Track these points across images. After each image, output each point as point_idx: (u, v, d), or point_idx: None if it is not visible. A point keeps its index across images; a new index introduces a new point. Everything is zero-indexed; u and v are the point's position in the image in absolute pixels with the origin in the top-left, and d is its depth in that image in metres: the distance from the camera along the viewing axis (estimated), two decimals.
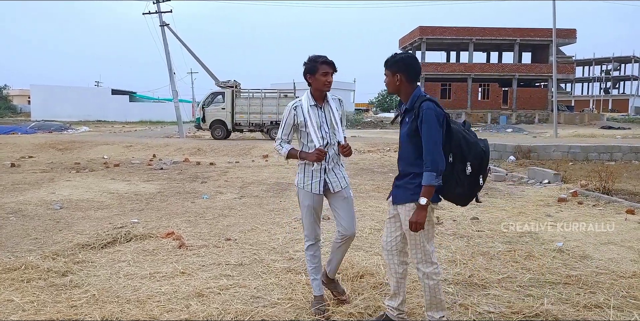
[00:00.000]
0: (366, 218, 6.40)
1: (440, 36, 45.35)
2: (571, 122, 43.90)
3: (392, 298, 3.23)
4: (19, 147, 18.13)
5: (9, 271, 4.23)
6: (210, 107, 22.93)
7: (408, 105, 2.97)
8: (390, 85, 3.05)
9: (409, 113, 2.95)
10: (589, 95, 74.49)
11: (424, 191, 2.82)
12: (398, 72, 2.97)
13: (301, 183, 3.41)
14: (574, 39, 45.93)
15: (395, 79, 2.99)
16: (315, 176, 3.36)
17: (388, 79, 3.04)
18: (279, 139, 3.42)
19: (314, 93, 3.36)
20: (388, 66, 3.02)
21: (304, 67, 3.30)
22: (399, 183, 3.05)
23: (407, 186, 2.96)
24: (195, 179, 10.53)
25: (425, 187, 2.81)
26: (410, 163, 2.96)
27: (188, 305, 3.53)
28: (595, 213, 6.75)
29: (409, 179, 2.96)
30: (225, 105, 22.67)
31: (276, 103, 22.69)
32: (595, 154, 14.20)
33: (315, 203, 3.40)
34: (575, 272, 4.26)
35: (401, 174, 3.05)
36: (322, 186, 3.37)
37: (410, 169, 2.96)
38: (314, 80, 3.29)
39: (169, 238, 5.33)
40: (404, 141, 2.99)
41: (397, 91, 3.03)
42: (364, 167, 12.91)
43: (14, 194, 8.45)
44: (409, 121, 2.95)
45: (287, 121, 3.38)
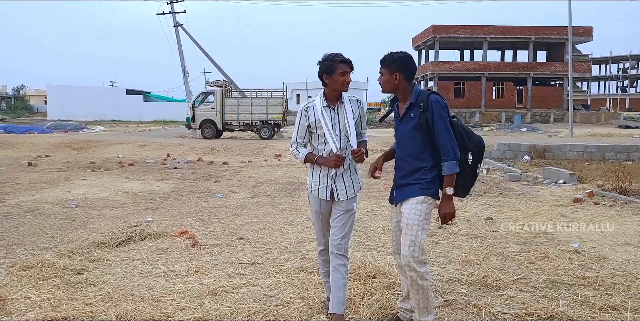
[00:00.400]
0: (379, 218, 6.39)
1: (453, 35, 45.02)
2: (587, 121, 43.32)
3: (405, 300, 3.21)
4: (35, 146, 18.41)
5: (26, 268, 4.30)
6: (200, 107, 23.07)
7: (413, 100, 2.96)
8: (387, 84, 3.02)
9: (414, 108, 2.95)
10: (606, 94, 73.44)
11: (449, 181, 2.87)
12: (397, 71, 2.96)
13: (310, 187, 3.32)
14: (590, 37, 45.28)
15: (394, 78, 2.97)
16: (322, 181, 3.23)
17: (385, 78, 3.01)
18: (295, 143, 3.29)
19: (328, 94, 3.21)
20: (385, 65, 2.99)
21: (320, 67, 3.14)
22: (405, 182, 3.01)
23: (417, 182, 2.94)
24: (208, 179, 10.59)
25: (450, 176, 2.86)
26: (418, 158, 2.95)
27: (201, 304, 3.56)
28: (612, 213, 6.66)
29: (420, 175, 2.94)
30: (215, 105, 22.83)
31: (265, 103, 22.93)
32: (612, 153, 13.98)
33: (322, 208, 3.29)
34: (592, 273, 4.21)
35: (408, 172, 3.00)
36: (329, 192, 3.23)
37: (418, 165, 2.95)
38: (331, 80, 3.12)
39: (182, 237, 5.37)
40: (410, 136, 2.97)
41: (395, 89, 3.02)
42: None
43: (31, 192, 8.58)
44: (415, 115, 2.94)
45: (300, 123, 3.26)
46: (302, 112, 3.24)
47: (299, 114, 3.26)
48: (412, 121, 2.96)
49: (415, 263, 2.89)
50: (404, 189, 3.00)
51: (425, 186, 2.92)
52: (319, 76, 3.16)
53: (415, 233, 2.90)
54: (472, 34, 45.08)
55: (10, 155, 16.46)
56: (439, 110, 2.88)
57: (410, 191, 2.96)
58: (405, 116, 3.00)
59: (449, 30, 45.06)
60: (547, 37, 45.21)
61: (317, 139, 3.23)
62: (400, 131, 3.06)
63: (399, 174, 3.07)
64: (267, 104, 22.88)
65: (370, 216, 6.50)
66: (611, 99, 69.25)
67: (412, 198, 2.93)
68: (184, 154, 16.75)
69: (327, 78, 3.12)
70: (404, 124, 3.02)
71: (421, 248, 2.92)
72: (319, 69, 3.14)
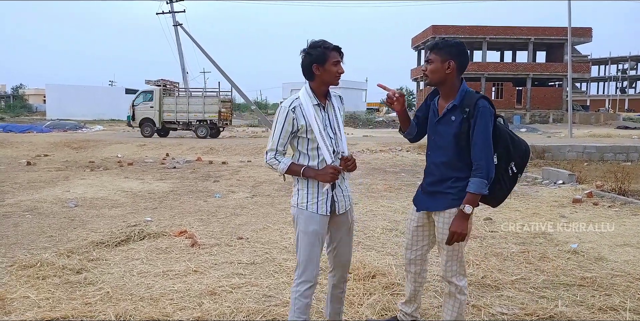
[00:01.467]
0: (378, 218, 6.39)
1: (453, 35, 44.99)
2: (586, 122, 43.34)
3: (407, 303, 3.10)
4: (34, 145, 18.38)
5: (25, 268, 4.29)
6: (139, 106, 23.39)
7: (457, 101, 2.61)
8: (437, 72, 2.62)
9: (456, 111, 2.61)
10: (605, 94, 73.50)
11: (471, 199, 2.56)
12: (451, 58, 2.59)
13: (304, 202, 2.65)
14: (590, 37, 45.33)
15: (445, 67, 2.60)
16: (322, 192, 2.66)
17: (435, 66, 2.61)
18: (273, 151, 2.62)
19: (317, 89, 2.65)
20: (438, 50, 2.61)
21: (309, 56, 2.58)
22: (435, 189, 2.73)
23: (448, 191, 2.67)
24: (207, 178, 10.59)
25: (473, 195, 2.55)
26: (453, 166, 2.66)
27: (201, 303, 3.55)
28: (611, 214, 6.66)
29: (451, 183, 2.67)
30: (154, 104, 23.13)
31: (202, 102, 23.16)
32: (611, 154, 14.01)
33: (321, 227, 2.67)
34: (590, 274, 4.21)
35: (438, 180, 2.71)
36: (329, 205, 2.67)
37: (452, 174, 2.67)
38: (323, 71, 2.58)
39: (181, 237, 5.37)
40: (449, 142, 2.64)
41: (444, 81, 2.64)
42: (376, 167, 12.87)
43: (30, 192, 8.57)
44: (456, 119, 2.60)
45: (284, 127, 2.59)
46: (287, 114, 2.58)
47: (281, 115, 2.59)
48: (451, 125, 2.63)
49: (453, 277, 2.73)
50: (435, 198, 2.74)
51: (459, 195, 2.63)
52: (307, 67, 2.60)
53: (451, 248, 2.69)
54: (471, 34, 45.13)
55: (9, 154, 16.44)
56: (486, 119, 2.55)
57: (443, 202, 2.69)
58: (445, 118, 2.66)
59: (449, 31, 45.09)
60: (546, 38, 45.25)
61: (304, 144, 2.65)
62: (437, 132, 2.72)
63: (429, 180, 2.78)
64: (203, 104, 23.19)
65: (369, 216, 6.50)
66: (610, 99, 69.30)
67: (446, 211, 2.68)
68: (183, 153, 16.74)
69: (318, 69, 2.58)
70: (441, 126, 2.69)
71: (460, 261, 2.75)
72: (307, 58, 2.58)
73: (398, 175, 11.06)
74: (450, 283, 2.76)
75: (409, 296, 3.07)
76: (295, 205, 2.70)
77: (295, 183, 2.70)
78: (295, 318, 2.63)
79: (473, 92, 2.65)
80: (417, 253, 2.94)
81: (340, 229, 2.78)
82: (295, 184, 2.71)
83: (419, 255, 2.94)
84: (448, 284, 2.79)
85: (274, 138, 2.62)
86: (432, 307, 3.48)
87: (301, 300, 2.63)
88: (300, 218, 2.66)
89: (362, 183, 9.66)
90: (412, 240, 2.93)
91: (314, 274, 2.66)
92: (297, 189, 2.69)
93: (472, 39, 45.46)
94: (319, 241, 2.66)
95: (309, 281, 2.64)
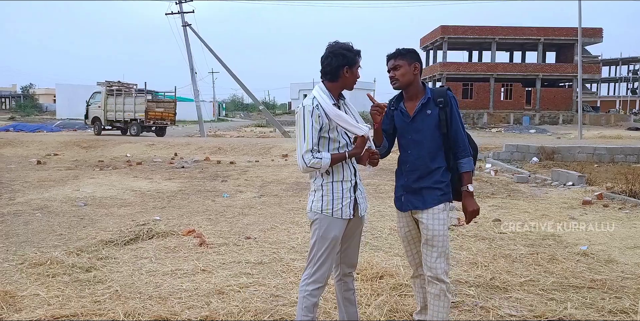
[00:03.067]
0: (386, 219, 6.38)
1: (462, 35, 44.87)
2: (596, 123, 42.99)
3: (422, 311, 3.02)
4: (44, 145, 18.54)
5: (35, 266, 4.34)
6: (92, 106, 24.92)
7: (429, 95, 2.80)
8: (406, 75, 2.80)
9: (430, 104, 2.79)
10: (616, 95, 72.83)
11: (469, 178, 2.82)
12: (415, 61, 2.81)
13: (329, 208, 2.61)
14: (600, 38, 44.97)
15: (412, 69, 2.80)
16: (346, 196, 2.63)
17: (404, 69, 2.79)
18: (309, 152, 2.55)
19: (333, 91, 2.66)
20: (402, 55, 2.80)
21: (342, 58, 2.59)
22: (421, 185, 2.79)
23: (437, 186, 2.78)
24: (215, 178, 10.63)
25: (469, 173, 2.82)
26: (434, 158, 2.79)
27: (209, 302, 3.57)
28: (621, 216, 6.60)
29: (439, 177, 2.78)
30: (101, 103, 24.44)
31: (133, 102, 24.02)
32: (622, 156, 13.86)
33: (340, 233, 2.66)
34: (600, 276, 4.17)
35: (423, 174, 2.79)
36: (352, 208, 2.66)
37: (435, 165, 2.78)
38: (350, 75, 2.63)
39: (190, 236, 5.39)
40: (429, 134, 2.78)
41: (411, 82, 2.82)
42: (384, 167, 12.83)
43: (40, 191, 8.65)
44: (432, 112, 2.78)
45: (313, 125, 2.56)
46: (313, 111, 2.56)
47: (307, 113, 2.57)
48: (429, 118, 2.79)
49: (442, 274, 2.76)
50: (422, 194, 2.79)
51: (444, 190, 2.78)
52: (336, 68, 2.60)
53: (442, 244, 2.76)
54: (480, 34, 44.90)
55: (19, 153, 16.61)
56: (457, 106, 2.83)
57: (431, 198, 2.77)
58: (420, 114, 2.81)
59: (458, 31, 44.91)
60: (556, 38, 44.95)
61: (325, 144, 2.64)
62: (413, 130, 2.83)
63: (413, 177, 2.82)
64: (134, 103, 23.92)
65: (377, 217, 6.49)
66: (621, 100, 68.67)
67: (434, 207, 2.76)
68: (191, 153, 16.81)
69: (347, 71, 2.61)
70: (418, 123, 2.81)
71: (447, 257, 2.81)
72: (340, 60, 2.59)
73: None
74: (440, 280, 2.76)
75: (423, 302, 3.01)
76: (319, 211, 2.63)
77: (319, 189, 2.65)
78: (302, 316, 2.62)
79: (437, 87, 2.92)
80: (419, 255, 2.93)
81: (354, 230, 2.77)
82: (317, 189, 2.66)
83: (420, 256, 2.91)
84: (437, 282, 2.76)
85: (307, 138, 2.56)
86: None
87: (309, 299, 2.62)
88: (323, 224, 2.62)
89: (369, 183, 9.65)
90: (410, 246, 2.96)
91: (325, 276, 2.66)
92: (322, 195, 2.64)
93: (481, 39, 45.25)
94: (337, 246, 2.68)
95: (319, 282, 2.64)
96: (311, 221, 2.70)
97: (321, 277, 2.64)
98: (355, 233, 2.80)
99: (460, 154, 2.81)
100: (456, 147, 2.81)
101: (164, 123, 24.74)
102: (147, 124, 23.85)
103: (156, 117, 24.10)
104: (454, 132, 2.80)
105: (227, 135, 27.48)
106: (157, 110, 24.18)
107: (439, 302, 2.78)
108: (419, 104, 2.82)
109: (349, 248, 2.80)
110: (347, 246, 2.79)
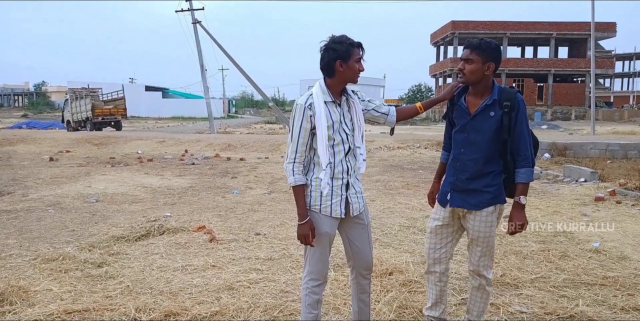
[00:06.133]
0: (395, 215, 6.36)
1: (473, 31, 44.51)
2: (610, 118, 42.47)
3: (433, 307, 3.00)
4: (57, 142, 18.72)
5: (48, 261, 4.39)
6: (65, 110, 29.11)
7: (496, 96, 2.66)
8: (475, 73, 2.65)
9: (495, 106, 2.66)
10: (629, 91, 71.82)
11: (523, 190, 2.68)
12: (491, 60, 2.65)
13: (317, 204, 2.58)
14: (614, 32, 44.35)
15: (485, 68, 2.64)
16: (336, 194, 2.59)
17: (475, 66, 2.64)
18: (291, 163, 2.55)
19: (333, 86, 2.58)
20: (480, 51, 2.63)
21: (333, 52, 2.50)
22: (472, 186, 2.73)
23: (487, 190, 2.71)
24: (225, 175, 10.67)
25: (525, 184, 2.68)
26: (489, 160, 2.69)
27: (219, 298, 3.59)
28: (634, 212, 6.52)
29: (490, 180, 2.70)
30: (69, 107, 28.14)
31: (84, 103, 27.22)
32: (635, 152, 13.67)
33: (333, 229, 2.63)
34: (613, 273, 4.13)
35: (475, 176, 2.72)
36: (343, 207, 2.62)
37: (489, 168, 2.70)
38: (346, 69, 2.52)
39: (200, 232, 5.42)
40: (487, 137, 2.67)
41: (480, 80, 2.68)
42: (394, 164, 12.81)
43: (53, 187, 8.74)
44: (495, 114, 2.65)
45: (302, 126, 2.51)
46: (304, 111, 2.51)
47: (298, 113, 2.52)
48: (490, 121, 2.66)
49: (485, 271, 2.84)
50: (471, 195, 2.74)
51: (495, 193, 2.71)
52: (328, 63, 2.52)
53: (487, 244, 2.78)
54: (491, 29, 44.51)
55: (32, 150, 16.79)
56: (525, 112, 2.68)
57: (480, 200, 2.72)
58: (482, 114, 2.69)
59: (468, 26, 44.57)
60: (568, 33, 44.42)
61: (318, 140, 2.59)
62: (472, 129, 2.71)
63: (464, 177, 2.75)
64: (85, 104, 27.26)
65: (386, 214, 6.47)
66: (635, 96, 67.72)
67: (483, 210, 2.72)
68: (201, 150, 16.88)
69: (341, 65, 2.51)
70: (477, 122, 2.70)
71: (492, 255, 2.85)
72: (331, 54, 2.51)
73: (416, 172, 10.99)
74: (481, 276, 2.85)
75: (435, 299, 2.99)
76: (308, 207, 2.60)
77: (309, 184, 2.61)
78: (306, 313, 2.64)
79: (507, 87, 2.72)
80: (442, 252, 2.90)
81: (356, 227, 2.72)
82: (307, 184, 2.61)
83: (444, 254, 2.90)
84: (478, 277, 2.87)
85: (293, 146, 2.54)
86: (449, 305, 3.45)
87: (311, 296, 2.63)
88: (313, 220, 2.59)
89: (379, 180, 9.63)
90: (436, 239, 2.90)
91: (323, 273, 2.66)
92: (310, 191, 2.60)
93: (492, 34, 44.83)
94: (329, 242, 2.65)
95: (318, 280, 2.64)
96: None
97: (319, 274, 2.64)
98: (359, 233, 2.73)
99: (520, 163, 2.68)
100: (517, 156, 2.68)
101: (115, 118, 28.02)
102: (96, 120, 27.01)
103: (104, 113, 27.35)
104: (517, 140, 2.65)
105: (237, 132, 27.57)
106: (105, 108, 27.63)
107: (478, 293, 2.91)
108: (483, 104, 2.69)
109: (360, 249, 2.73)
110: (358, 247, 2.73)
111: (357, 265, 2.76)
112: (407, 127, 32.95)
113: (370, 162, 12.92)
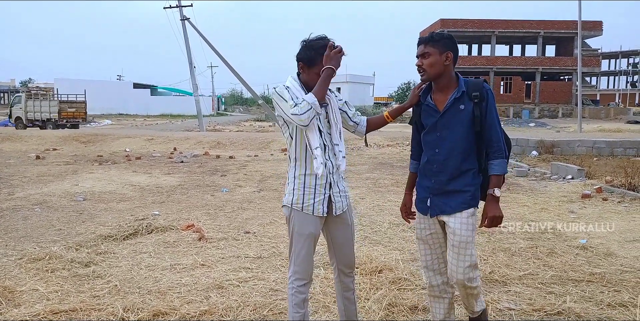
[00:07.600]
0: (385, 213, 6.37)
1: (461, 29, 44.70)
2: (596, 116, 42.94)
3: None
4: (43, 140, 18.51)
5: (34, 261, 4.33)
6: (14, 107, 29.04)
7: (464, 88, 2.53)
8: (436, 66, 2.51)
9: (464, 98, 2.53)
10: (615, 89, 72.78)
11: (497, 182, 2.55)
12: (448, 50, 2.51)
13: (299, 203, 2.57)
14: (600, 31, 44.82)
15: (444, 58, 2.50)
16: (318, 192, 2.56)
17: (433, 59, 2.50)
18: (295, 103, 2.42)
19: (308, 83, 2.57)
20: (434, 42, 2.50)
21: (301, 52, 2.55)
22: (452, 187, 2.58)
23: (467, 189, 2.57)
24: (215, 173, 10.62)
25: (499, 176, 2.55)
26: (466, 158, 2.56)
27: (208, 297, 3.57)
28: (620, 209, 6.60)
29: (471, 180, 2.57)
30: (22, 105, 28.26)
31: (48, 104, 27.82)
32: (621, 149, 13.85)
33: (317, 229, 2.61)
34: (599, 270, 4.18)
35: (455, 176, 2.57)
36: (326, 205, 2.59)
37: (467, 166, 2.57)
38: (306, 73, 2.58)
39: (189, 231, 5.39)
40: (461, 132, 2.54)
41: (442, 73, 2.54)
42: (383, 161, 12.84)
43: (39, 185, 8.64)
44: (465, 107, 2.52)
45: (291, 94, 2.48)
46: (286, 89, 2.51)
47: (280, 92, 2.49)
48: (462, 114, 2.53)
49: (470, 281, 2.57)
50: (450, 198, 2.58)
51: (475, 194, 2.58)
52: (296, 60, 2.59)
53: (471, 251, 2.56)
54: (480, 28, 44.75)
55: (18, 148, 16.57)
56: (494, 102, 2.54)
57: (461, 202, 2.56)
58: (452, 108, 2.54)
59: (457, 25, 44.75)
60: (556, 32, 44.81)
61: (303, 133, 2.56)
62: (443, 126, 2.57)
63: (442, 179, 2.59)
64: (49, 106, 27.73)
65: (376, 211, 6.49)
66: (621, 94, 68.64)
67: (464, 212, 2.56)
68: (190, 148, 16.78)
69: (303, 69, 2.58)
70: (448, 118, 2.56)
71: (476, 264, 2.60)
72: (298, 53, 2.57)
73: (405, 170, 10.98)
74: (467, 287, 2.60)
75: (443, 316, 2.75)
76: (289, 205, 2.60)
77: (291, 182, 2.60)
78: (293, 313, 2.62)
79: (472, 79, 2.62)
80: (441, 260, 2.71)
81: (340, 229, 2.69)
82: (290, 182, 2.61)
83: (442, 261, 2.70)
84: (464, 288, 2.61)
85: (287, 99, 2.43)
86: None
87: (298, 296, 2.61)
88: (295, 219, 2.59)
89: (369, 177, 9.64)
90: (428, 249, 2.72)
91: (308, 273, 2.64)
92: (293, 189, 2.59)
93: (480, 32, 45.11)
94: (313, 242, 2.62)
95: (303, 279, 2.62)
96: (285, 217, 2.67)
97: (304, 273, 2.62)
98: (342, 232, 2.70)
99: (493, 154, 2.55)
100: (490, 147, 2.55)
101: (76, 121, 28.99)
102: (61, 122, 27.79)
103: (68, 116, 28.57)
104: (488, 131, 2.53)
105: (226, 129, 27.47)
106: (69, 110, 28.64)
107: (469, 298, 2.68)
108: (451, 98, 2.54)
109: (343, 248, 2.72)
110: (341, 246, 2.72)
111: (339, 263, 2.75)
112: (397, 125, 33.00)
113: (359, 160, 12.94)
